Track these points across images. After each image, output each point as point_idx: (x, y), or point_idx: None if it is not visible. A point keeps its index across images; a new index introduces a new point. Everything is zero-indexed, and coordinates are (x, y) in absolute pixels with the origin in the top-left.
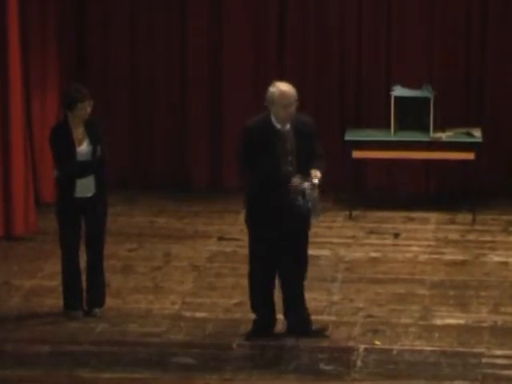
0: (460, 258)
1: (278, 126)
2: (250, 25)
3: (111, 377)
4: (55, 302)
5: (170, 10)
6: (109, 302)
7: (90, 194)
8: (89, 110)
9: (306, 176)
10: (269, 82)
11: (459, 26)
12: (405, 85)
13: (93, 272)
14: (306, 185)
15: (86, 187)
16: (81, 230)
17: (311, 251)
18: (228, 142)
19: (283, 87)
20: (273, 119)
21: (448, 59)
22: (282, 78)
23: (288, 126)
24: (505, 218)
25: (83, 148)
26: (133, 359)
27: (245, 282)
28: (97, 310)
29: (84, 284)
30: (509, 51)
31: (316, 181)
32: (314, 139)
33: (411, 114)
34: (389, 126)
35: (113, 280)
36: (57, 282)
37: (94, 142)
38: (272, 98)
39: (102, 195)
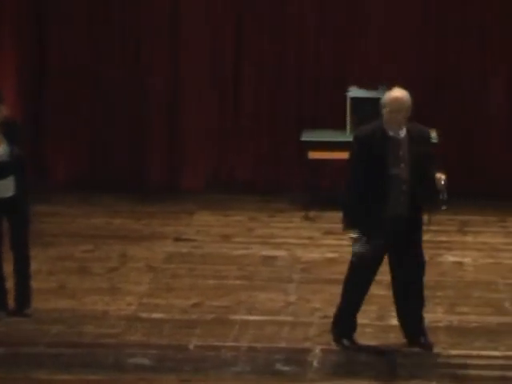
0: None
1: (391, 132)
2: (209, 24)
3: (68, 378)
4: (8, 303)
5: (126, 12)
6: (64, 303)
7: (9, 195)
8: (4, 112)
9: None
10: (227, 82)
11: (416, 26)
12: (362, 85)
13: (20, 274)
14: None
15: (4, 188)
16: (3, 232)
17: (267, 252)
18: (185, 143)
19: (396, 93)
20: (385, 125)
21: (404, 60)
22: (239, 78)
23: (403, 134)
24: (460, 218)
25: (0, 149)
26: (89, 361)
27: (202, 282)
28: (28, 311)
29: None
30: (466, 52)
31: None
32: (430, 148)
33: (367, 115)
34: (345, 127)
35: (68, 281)
36: (10, 284)
37: (11, 143)
38: (384, 101)
39: (23, 196)
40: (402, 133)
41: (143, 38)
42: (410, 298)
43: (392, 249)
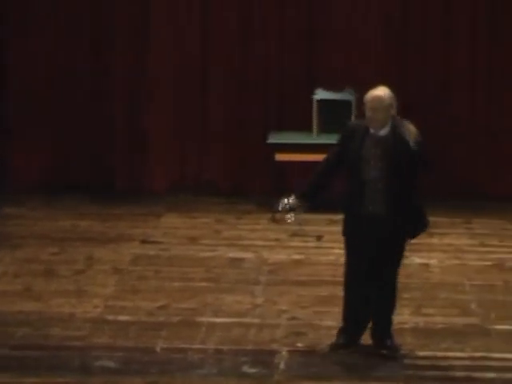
0: None
1: (372, 130)
2: (174, 24)
3: (34, 381)
4: None
5: (92, 12)
6: (31, 306)
7: None
8: None
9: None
10: (192, 82)
11: (381, 26)
12: (328, 87)
13: None
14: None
15: None
16: None
17: (234, 254)
18: (151, 145)
19: (376, 92)
20: (367, 123)
21: (370, 61)
22: (204, 80)
23: (385, 132)
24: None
25: None
26: (56, 363)
27: (168, 284)
28: None
29: None
30: (430, 53)
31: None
32: (415, 147)
33: (333, 117)
34: (311, 129)
35: (35, 284)
36: None
37: None
38: (364, 100)
39: None
40: (385, 131)
41: (108, 38)
42: (382, 301)
43: (375, 250)
